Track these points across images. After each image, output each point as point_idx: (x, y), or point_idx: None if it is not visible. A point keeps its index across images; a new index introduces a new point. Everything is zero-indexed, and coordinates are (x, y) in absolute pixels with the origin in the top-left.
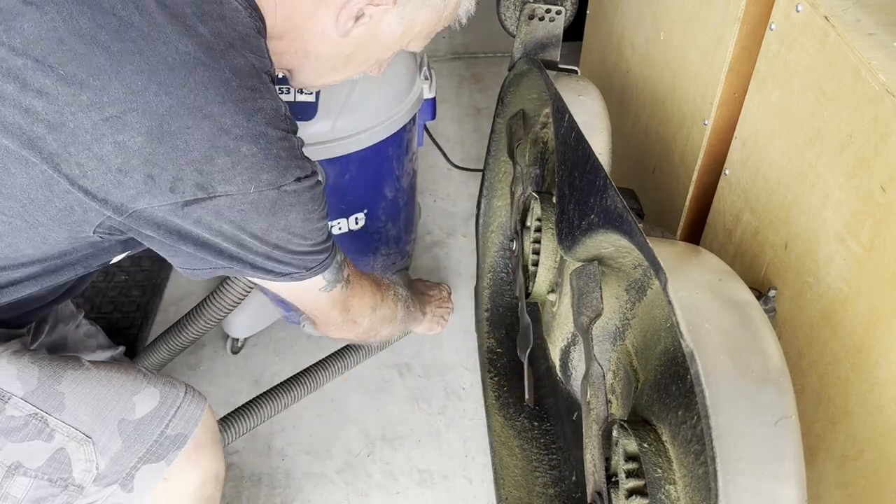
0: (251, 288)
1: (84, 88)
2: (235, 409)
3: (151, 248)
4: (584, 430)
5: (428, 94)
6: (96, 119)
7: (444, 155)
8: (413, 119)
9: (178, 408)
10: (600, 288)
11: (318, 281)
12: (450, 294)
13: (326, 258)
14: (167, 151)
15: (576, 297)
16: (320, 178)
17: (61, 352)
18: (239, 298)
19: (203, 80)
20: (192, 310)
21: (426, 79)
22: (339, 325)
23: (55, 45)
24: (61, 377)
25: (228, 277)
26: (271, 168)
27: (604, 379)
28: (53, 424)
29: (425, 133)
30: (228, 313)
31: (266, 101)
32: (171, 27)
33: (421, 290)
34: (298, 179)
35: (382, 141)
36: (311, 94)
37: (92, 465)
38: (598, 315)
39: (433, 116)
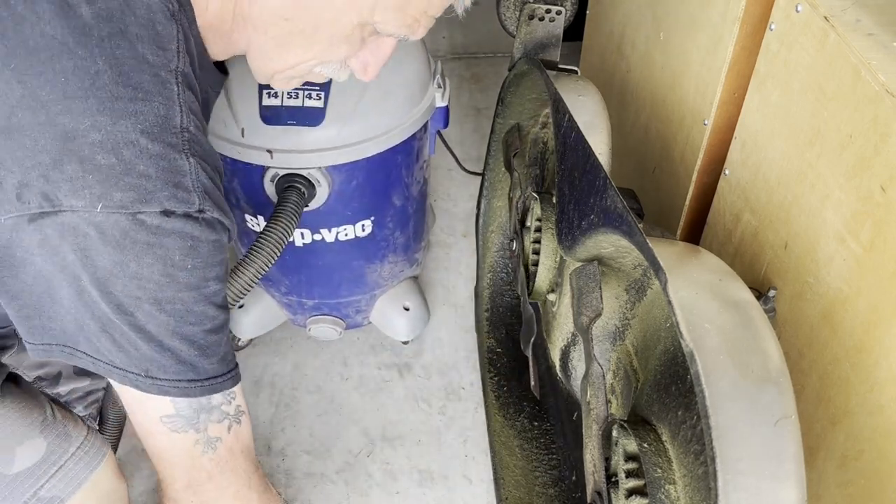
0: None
1: None
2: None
3: None
4: (584, 430)
5: (441, 103)
6: None
7: (458, 162)
8: (424, 127)
9: (61, 467)
10: (600, 288)
11: (166, 407)
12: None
13: (193, 380)
14: (14, 149)
15: (576, 297)
16: (221, 237)
17: None
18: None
19: (65, 69)
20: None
21: (439, 87)
22: (176, 500)
23: None
24: None
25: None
26: (129, 187)
27: (604, 379)
28: None
29: (439, 140)
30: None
31: (151, 105)
32: (48, 5)
33: None
34: (167, 213)
35: (391, 148)
36: (320, 99)
37: None
38: (598, 315)
39: (446, 125)
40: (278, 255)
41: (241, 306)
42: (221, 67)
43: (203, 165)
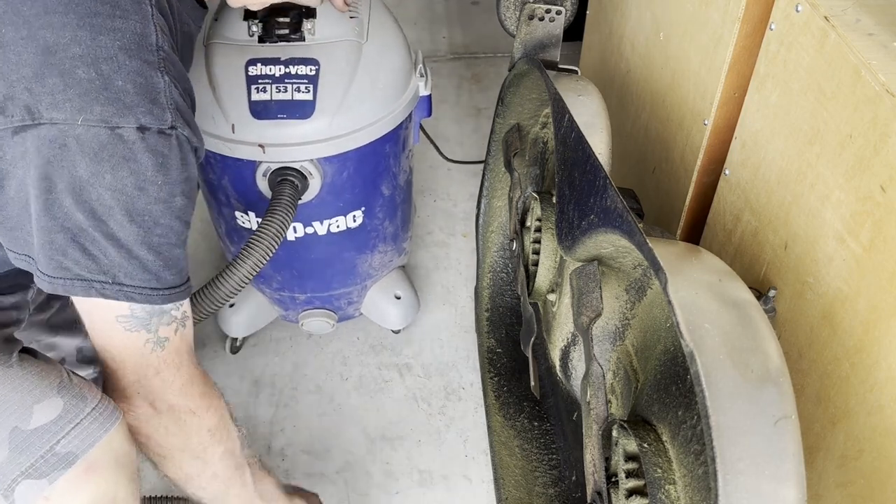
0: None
1: None
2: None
3: None
4: (584, 430)
5: (424, 92)
6: None
7: (438, 150)
8: (409, 116)
9: (77, 424)
10: (600, 288)
11: (122, 308)
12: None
13: (156, 289)
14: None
15: (576, 297)
16: (188, 155)
17: (69, 331)
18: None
19: None
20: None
21: (421, 76)
22: (130, 398)
23: None
24: None
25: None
26: (109, 101)
27: (604, 379)
28: None
29: (420, 130)
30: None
31: (128, 23)
32: None
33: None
34: (143, 128)
35: (380, 138)
36: (309, 91)
37: None
38: (598, 315)
39: (429, 113)
40: (276, 247)
41: (231, 305)
42: (201, 3)
43: (175, 84)
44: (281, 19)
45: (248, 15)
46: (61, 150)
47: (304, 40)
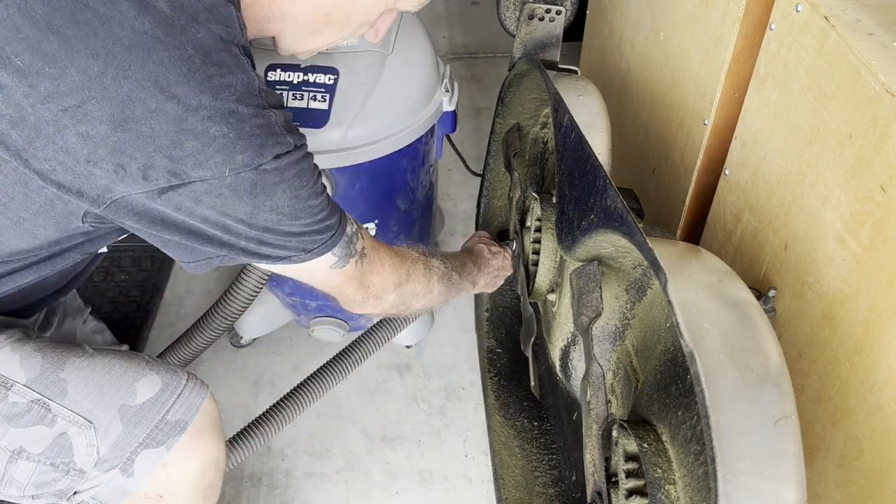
0: (259, 289)
1: (41, 78)
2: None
3: (145, 238)
4: (584, 430)
5: (448, 107)
6: (55, 110)
7: (466, 165)
8: (431, 131)
9: (180, 395)
10: (600, 288)
11: (327, 259)
12: (513, 254)
13: (329, 236)
14: (133, 139)
15: (576, 297)
16: (308, 150)
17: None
18: (247, 301)
19: (163, 60)
20: (201, 317)
21: (447, 91)
22: (359, 302)
23: (11, 33)
24: (64, 364)
25: (235, 279)
26: (245, 148)
27: (604, 379)
28: (55, 410)
29: (447, 143)
30: (239, 316)
31: (236, 77)
32: (127, 3)
33: (479, 254)
34: (278, 157)
35: (396, 152)
36: (325, 101)
37: (93, 449)
38: (598, 315)
39: (454, 129)
40: None
41: None
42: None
43: (281, 112)
44: None
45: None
46: (218, 199)
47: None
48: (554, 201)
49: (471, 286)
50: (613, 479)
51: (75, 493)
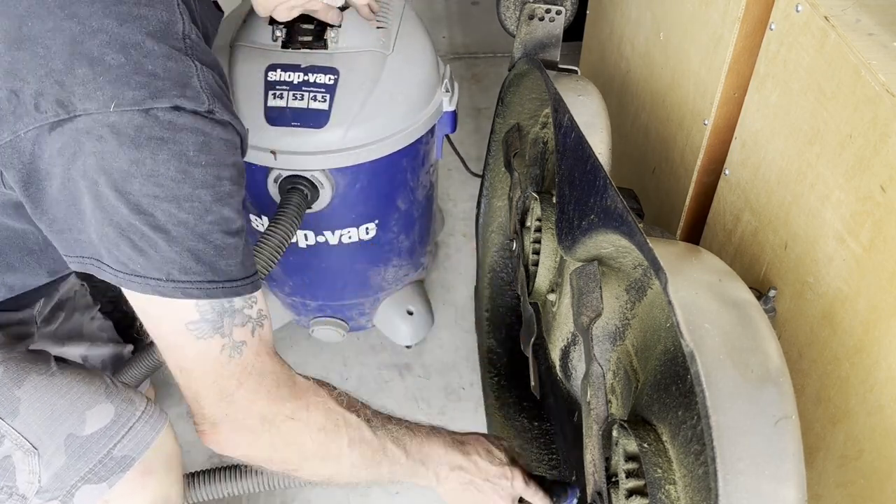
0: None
1: None
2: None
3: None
4: (584, 430)
5: (448, 107)
6: None
7: (465, 165)
8: (431, 131)
9: (131, 428)
10: (600, 288)
11: (190, 312)
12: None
13: (214, 281)
14: (27, 60)
15: (576, 297)
16: (233, 138)
17: (76, 340)
18: None
19: None
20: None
21: (447, 91)
22: (218, 421)
23: None
24: (23, 381)
25: None
26: (141, 85)
27: (604, 379)
28: (4, 430)
29: (447, 143)
30: None
31: (154, 11)
32: None
33: (470, 445)
34: (178, 109)
35: (396, 152)
36: (325, 101)
37: (35, 477)
38: (598, 315)
39: (454, 129)
40: (280, 256)
41: None
42: (218, 6)
43: (209, 71)
44: (305, 26)
45: (274, 20)
46: (98, 143)
47: (326, 48)
48: (554, 201)
49: (432, 478)
50: (613, 479)
51: None
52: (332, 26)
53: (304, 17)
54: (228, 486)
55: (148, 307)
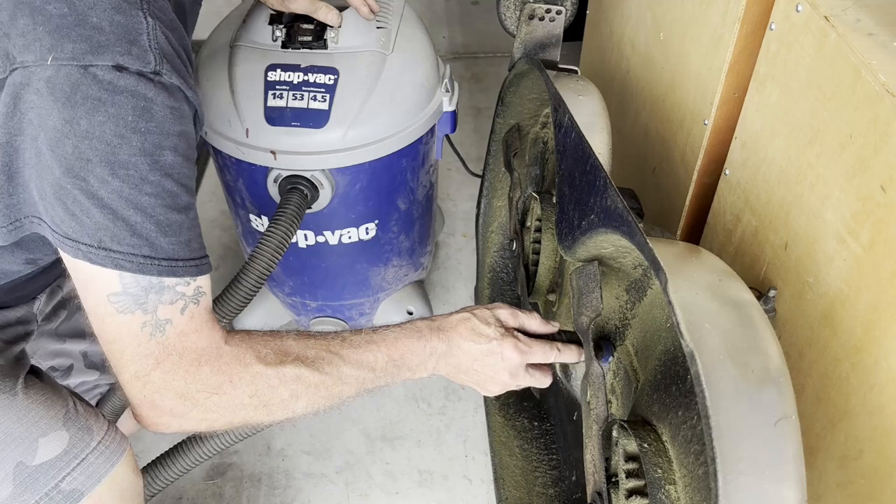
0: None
1: None
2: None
3: None
4: (584, 430)
5: (448, 107)
6: None
7: (465, 165)
8: (431, 131)
9: (83, 460)
10: (600, 288)
11: (113, 283)
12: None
13: (150, 257)
14: None
15: (576, 297)
16: (180, 105)
17: (77, 338)
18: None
19: None
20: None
21: (447, 91)
22: (136, 402)
23: None
24: None
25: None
26: (81, 38)
27: (604, 379)
28: None
29: (447, 143)
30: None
31: None
32: None
33: (453, 327)
34: (120, 69)
35: (396, 152)
36: (325, 101)
37: None
38: (598, 315)
39: (453, 129)
40: (280, 257)
41: None
42: None
43: (164, 30)
44: (305, 26)
45: (274, 20)
46: (36, 96)
47: (326, 48)
48: (554, 201)
49: (420, 373)
50: (613, 479)
51: None
52: (331, 26)
53: (304, 17)
54: (185, 460)
55: (77, 272)
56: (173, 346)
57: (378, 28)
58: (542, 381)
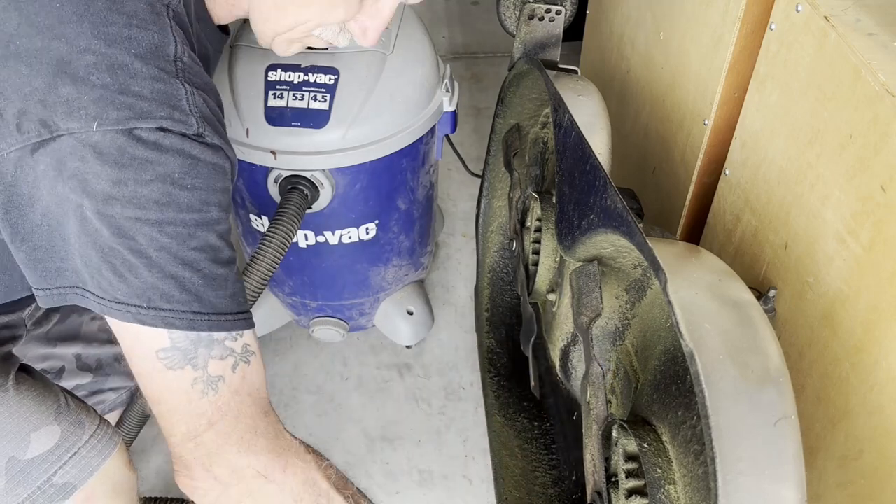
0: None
1: None
2: None
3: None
4: (584, 430)
5: (448, 107)
6: None
7: (465, 165)
8: (431, 131)
9: (75, 453)
10: (600, 288)
11: (161, 339)
12: None
13: (199, 313)
14: (12, 78)
15: (576, 297)
16: (223, 163)
17: (69, 341)
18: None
19: None
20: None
21: (447, 91)
22: (189, 466)
23: None
24: None
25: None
26: (125, 106)
27: (604, 379)
28: None
29: (447, 143)
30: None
31: (145, 33)
32: None
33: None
34: (164, 130)
35: (396, 152)
36: (325, 101)
37: None
38: (598, 315)
39: (453, 129)
40: (282, 257)
41: None
42: (224, 29)
43: (201, 94)
44: None
45: None
46: (81, 163)
47: (326, 48)
48: (554, 201)
49: None
50: (613, 479)
51: None
52: None
53: None
54: None
55: (125, 334)
56: (227, 407)
57: None
58: None
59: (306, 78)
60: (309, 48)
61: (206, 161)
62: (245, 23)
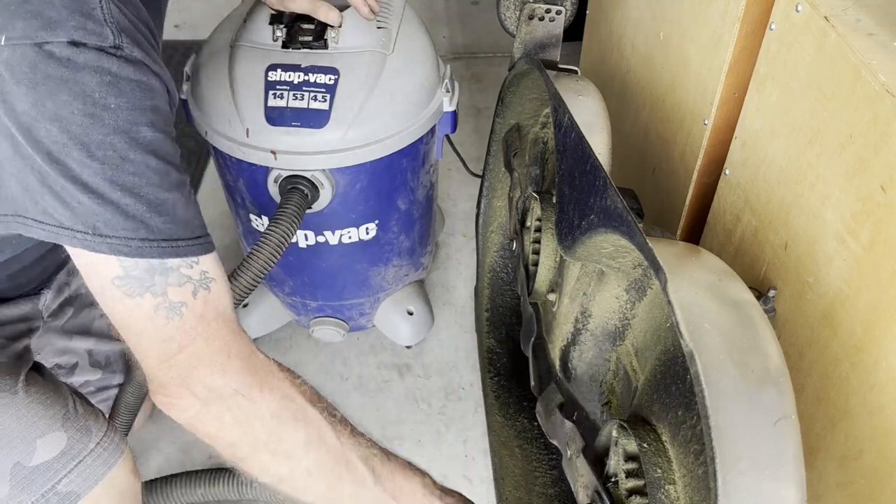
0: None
1: None
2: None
3: None
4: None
5: (448, 107)
6: None
7: (465, 165)
8: (431, 131)
9: (81, 461)
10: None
11: (114, 268)
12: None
13: (147, 239)
14: None
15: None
16: (149, 79)
17: (83, 336)
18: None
19: None
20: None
21: (447, 91)
22: (164, 384)
23: None
24: None
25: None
26: (31, 15)
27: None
28: None
29: (447, 143)
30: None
31: None
32: None
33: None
34: (76, 44)
35: (396, 152)
36: (325, 101)
37: None
38: (586, 446)
39: (454, 129)
40: (279, 256)
41: (245, 305)
42: None
43: (117, 3)
44: (306, 25)
45: (274, 20)
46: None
47: (326, 48)
48: (554, 201)
49: (379, 491)
50: (613, 480)
51: None
52: (332, 26)
53: (305, 17)
54: (187, 493)
55: (78, 259)
56: (195, 331)
57: (378, 28)
58: None
59: (306, 78)
60: (309, 48)
61: (126, 78)
62: (245, 23)
